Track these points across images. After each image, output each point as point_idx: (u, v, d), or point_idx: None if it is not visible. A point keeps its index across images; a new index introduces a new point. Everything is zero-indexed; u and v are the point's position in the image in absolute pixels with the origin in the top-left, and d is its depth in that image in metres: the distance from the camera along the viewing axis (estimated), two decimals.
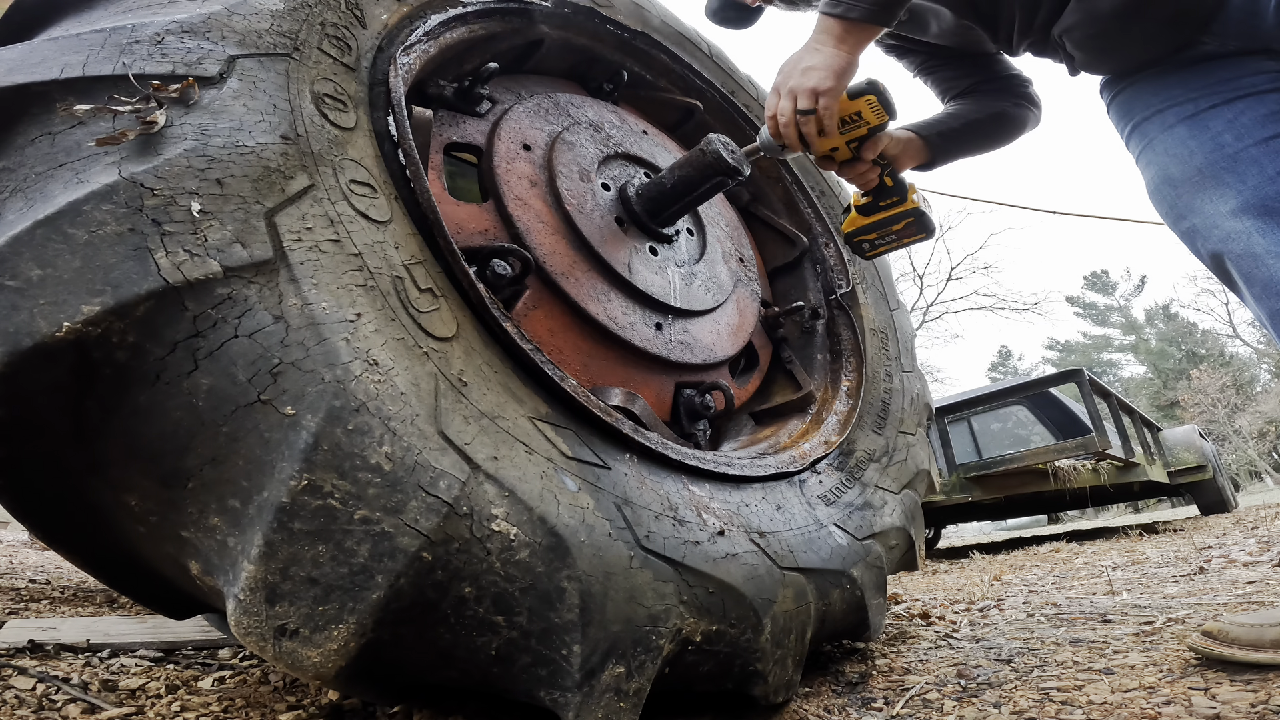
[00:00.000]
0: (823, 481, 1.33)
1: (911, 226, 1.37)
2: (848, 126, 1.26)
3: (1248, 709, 0.87)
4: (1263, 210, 0.95)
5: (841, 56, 1.14)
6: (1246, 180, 0.97)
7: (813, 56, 1.15)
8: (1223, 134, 1.00)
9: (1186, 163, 1.03)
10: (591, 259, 1.31)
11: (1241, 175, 0.98)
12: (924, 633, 1.62)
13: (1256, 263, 0.96)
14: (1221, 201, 1.00)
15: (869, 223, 1.39)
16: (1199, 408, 28.33)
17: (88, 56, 0.76)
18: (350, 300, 0.77)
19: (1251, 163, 0.97)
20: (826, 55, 1.14)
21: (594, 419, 0.98)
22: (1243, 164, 0.98)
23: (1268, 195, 0.95)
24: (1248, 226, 0.96)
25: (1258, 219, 0.96)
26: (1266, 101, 0.99)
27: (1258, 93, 0.99)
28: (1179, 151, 1.04)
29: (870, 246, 1.42)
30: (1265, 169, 0.96)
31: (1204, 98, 1.03)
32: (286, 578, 0.67)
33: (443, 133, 1.27)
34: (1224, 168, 0.99)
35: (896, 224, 1.37)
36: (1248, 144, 0.98)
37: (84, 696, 0.96)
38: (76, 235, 0.66)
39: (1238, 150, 0.98)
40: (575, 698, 0.77)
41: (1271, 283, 0.94)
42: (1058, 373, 5.23)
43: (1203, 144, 1.02)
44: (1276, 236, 0.94)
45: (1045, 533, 8.67)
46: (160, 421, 0.68)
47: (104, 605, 1.95)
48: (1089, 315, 39.74)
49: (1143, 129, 1.10)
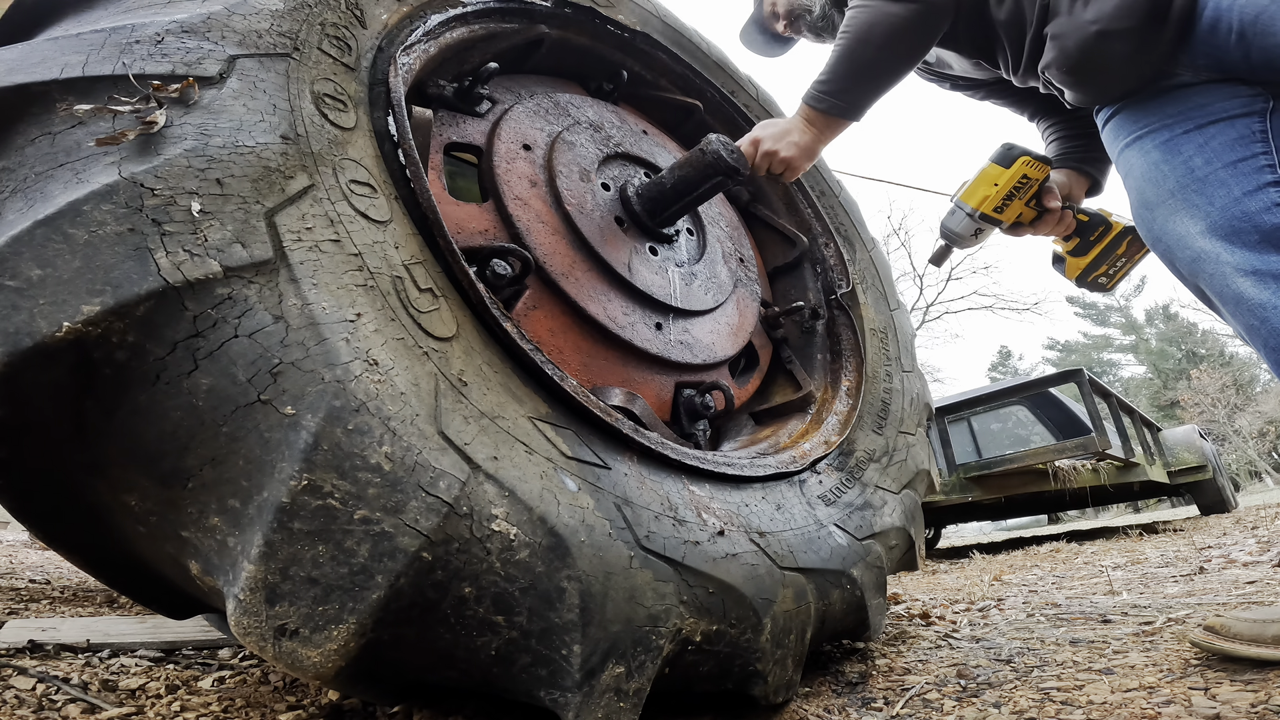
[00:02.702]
0: (823, 481, 1.33)
1: (1135, 243, 1.40)
2: (1021, 190, 1.34)
3: (1248, 709, 0.87)
4: (1229, 231, 0.98)
5: (817, 141, 1.41)
6: (1214, 202, 1.00)
7: (798, 135, 1.40)
8: (1193, 158, 1.04)
9: (1160, 186, 1.07)
10: (591, 259, 1.31)
11: (1209, 197, 1.01)
12: (924, 633, 1.62)
13: (1225, 282, 0.99)
14: (1192, 223, 1.03)
15: (1092, 259, 1.43)
16: (1199, 408, 28.32)
17: (88, 56, 0.76)
18: (350, 300, 0.77)
19: (1219, 185, 1.00)
20: (807, 138, 1.40)
21: (594, 419, 0.98)
22: (1211, 186, 1.01)
23: (1234, 216, 0.98)
24: (1216, 247, 0.99)
25: (1224, 240, 0.99)
26: (1237, 126, 1.02)
27: (1229, 118, 1.03)
28: (1153, 175, 1.08)
29: (1108, 279, 1.44)
30: (1232, 190, 0.99)
31: (1178, 124, 1.07)
32: (286, 578, 0.67)
33: (443, 133, 1.27)
34: (1194, 190, 1.03)
35: (1118, 247, 1.40)
36: (1216, 167, 1.01)
37: (84, 696, 0.96)
38: (76, 235, 0.66)
39: (1207, 174, 1.02)
40: (575, 698, 0.77)
41: (1241, 300, 0.97)
42: (1058, 373, 5.23)
43: (1175, 168, 1.05)
44: (1243, 255, 0.97)
45: (1045, 533, 8.67)
46: (160, 421, 0.68)
47: (104, 605, 1.95)
48: (1089, 315, 39.71)
49: (1125, 155, 1.15)
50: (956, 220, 1.40)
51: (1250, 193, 0.97)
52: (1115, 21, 1.05)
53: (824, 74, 1.34)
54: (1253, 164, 0.99)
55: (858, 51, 1.29)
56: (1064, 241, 1.43)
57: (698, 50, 1.84)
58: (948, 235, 1.42)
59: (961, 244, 1.42)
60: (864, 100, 1.34)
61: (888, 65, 1.30)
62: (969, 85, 1.57)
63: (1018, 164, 1.32)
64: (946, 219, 1.42)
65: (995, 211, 1.35)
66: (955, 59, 1.46)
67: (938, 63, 1.53)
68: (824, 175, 2.02)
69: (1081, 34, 1.09)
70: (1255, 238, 0.96)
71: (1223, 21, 0.99)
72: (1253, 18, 0.96)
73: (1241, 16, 0.97)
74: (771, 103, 2.00)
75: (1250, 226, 0.96)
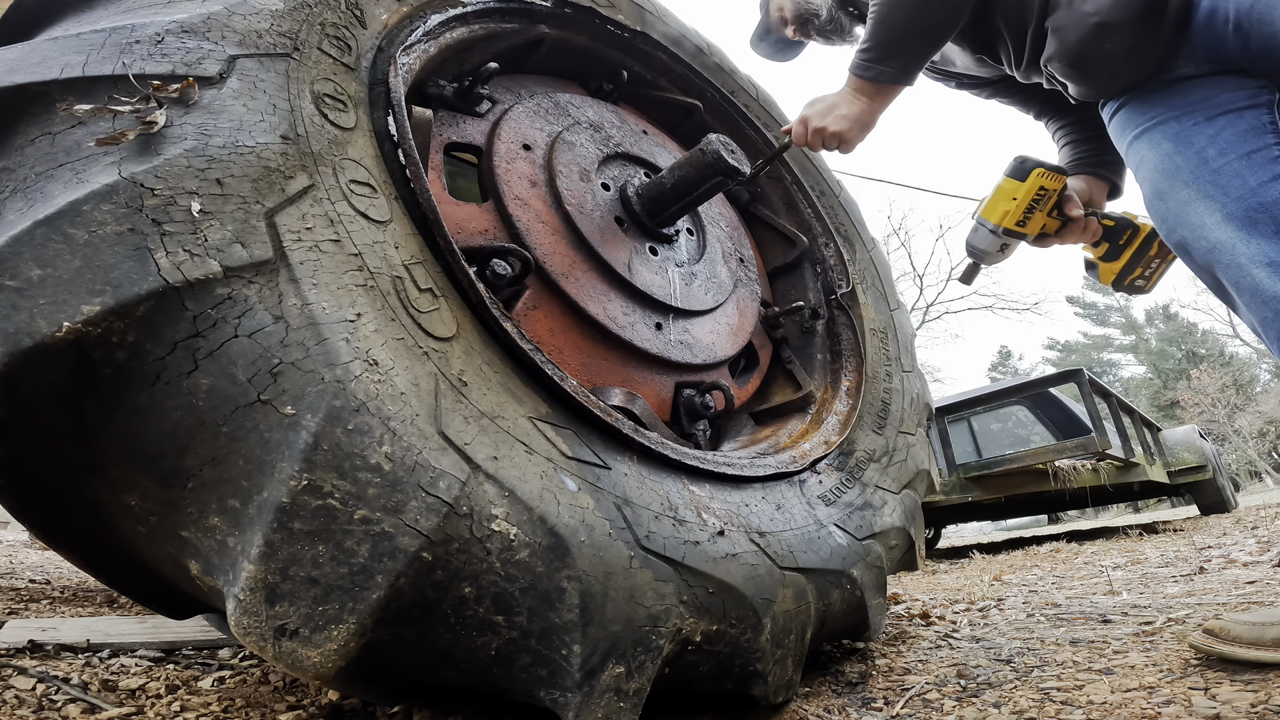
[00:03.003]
0: (823, 481, 1.33)
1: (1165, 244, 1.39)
2: (1040, 201, 1.34)
3: (1248, 709, 0.87)
4: (1246, 221, 0.99)
5: (869, 112, 1.37)
6: (1230, 193, 1.01)
7: (846, 106, 1.38)
8: (1206, 149, 1.04)
9: (1174, 177, 1.07)
10: (591, 259, 1.31)
11: (1225, 188, 1.01)
12: (924, 633, 1.62)
13: (1241, 272, 0.99)
14: (1207, 213, 1.03)
15: (1125, 262, 1.42)
16: (1199, 408, 28.31)
17: (88, 56, 0.76)
18: (350, 300, 0.77)
19: (1234, 176, 1.01)
20: (858, 108, 1.37)
21: (594, 419, 0.98)
22: (1225, 177, 1.02)
23: (1250, 207, 0.99)
24: (1232, 237, 1.00)
25: (1241, 229, 0.99)
26: (1246, 118, 1.03)
27: (1237, 109, 1.03)
28: (1166, 166, 1.09)
29: (1145, 280, 1.44)
30: (1247, 181, 0.99)
31: (1186, 115, 1.07)
32: (286, 578, 0.67)
33: (443, 133, 1.27)
34: (1208, 180, 1.03)
35: (1150, 248, 1.40)
36: (1231, 158, 1.02)
37: (84, 696, 0.96)
38: (76, 235, 0.66)
39: (1221, 164, 1.02)
40: (575, 698, 0.77)
41: (1257, 291, 0.97)
42: (1058, 373, 5.23)
43: (1188, 159, 1.06)
44: (1259, 246, 0.97)
45: (1045, 533, 8.67)
46: (160, 421, 0.68)
47: (104, 605, 1.95)
48: (1089, 315, 39.71)
49: (1135, 147, 1.15)
50: (980, 237, 1.40)
51: (1266, 183, 0.98)
52: (1115, 13, 1.05)
53: (865, 41, 1.32)
54: (1266, 155, 0.99)
55: (893, 14, 1.26)
56: (1094, 248, 1.43)
57: (698, 50, 1.84)
58: (974, 253, 1.43)
59: (989, 260, 1.42)
60: (910, 64, 1.31)
61: (926, 25, 1.27)
62: (974, 83, 1.57)
63: (1032, 176, 1.33)
64: (971, 237, 1.42)
65: (1018, 225, 1.36)
66: (959, 55, 1.46)
67: (942, 60, 1.53)
68: (824, 175, 2.02)
69: (1082, 26, 1.09)
70: (1272, 228, 0.96)
71: (1219, 13, 1.00)
72: (1248, 9, 0.97)
73: (1238, 8, 0.98)
74: (771, 103, 2.00)
75: (1267, 217, 0.97)
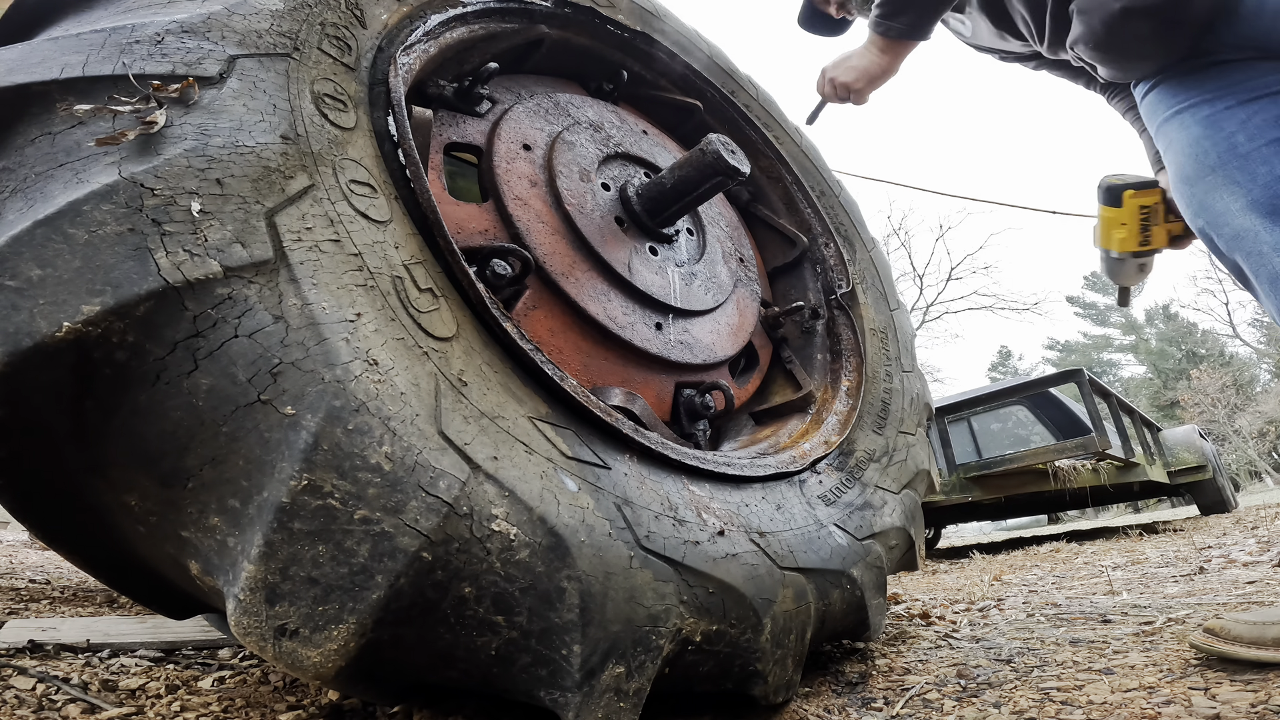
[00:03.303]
0: (823, 481, 1.33)
1: None
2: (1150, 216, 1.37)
3: (1248, 709, 0.87)
4: (1270, 209, 0.97)
5: (880, 65, 1.42)
6: (1256, 179, 0.99)
7: (858, 59, 1.44)
8: (1236, 134, 1.02)
9: (1201, 161, 1.06)
10: (591, 259, 1.31)
11: (1252, 174, 0.99)
12: (924, 633, 1.62)
13: (1263, 260, 0.98)
14: (1232, 200, 1.01)
15: None
16: (1199, 408, 28.31)
17: (88, 56, 0.76)
18: (350, 300, 0.77)
19: (1262, 162, 0.99)
20: (867, 61, 1.42)
21: (594, 419, 0.98)
22: (1253, 163, 0.99)
23: (1276, 194, 0.97)
24: (1256, 225, 0.98)
25: (1265, 217, 0.97)
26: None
27: (1271, 94, 1.01)
28: (1194, 150, 1.07)
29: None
30: (1275, 168, 0.97)
31: (1219, 99, 1.05)
32: (286, 578, 0.67)
33: (443, 133, 1.27)
34: (1236, 166, 1.01)
35: None
36: (1259, 144, 1.00)
37: (84, 696, 0.96)
38: (76, 235, 0.66)
39: (1249, 150, 1.00)
40: (575, 698, 0.77)
41: (1277, 279, 0.96)
42: (1058, 373, 5.22)
43: (1216, 144, 1.04)
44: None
45: (1045, 533, 8.67)
46: (160, 421, 0.68)
47: (104, 605, 1.95)
48: (1089, 315, 39.71)
49: (1164, 129, 1.13)
50: (1114, 268, 1.43)
51: None
52: None
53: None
54: None
55: None
56: None
57: (698, 50, 1.84)
58: (1117, 280, 1.45)
59: (1131, 281, 1.45)
60: (920, 20, 1.32)
61: None
62: (1017, 57, 1.55)
63: (1126, 200, 1.35)
64: (1110, 269, 1.44)
65: (1142, 245, 1.38)
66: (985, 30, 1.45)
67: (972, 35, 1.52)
68: (824, 175, 2.02)
69: (1106, 10, 1.07)
70: None
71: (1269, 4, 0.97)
72: None
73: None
74: (772, 103, 2.00)
75: None
